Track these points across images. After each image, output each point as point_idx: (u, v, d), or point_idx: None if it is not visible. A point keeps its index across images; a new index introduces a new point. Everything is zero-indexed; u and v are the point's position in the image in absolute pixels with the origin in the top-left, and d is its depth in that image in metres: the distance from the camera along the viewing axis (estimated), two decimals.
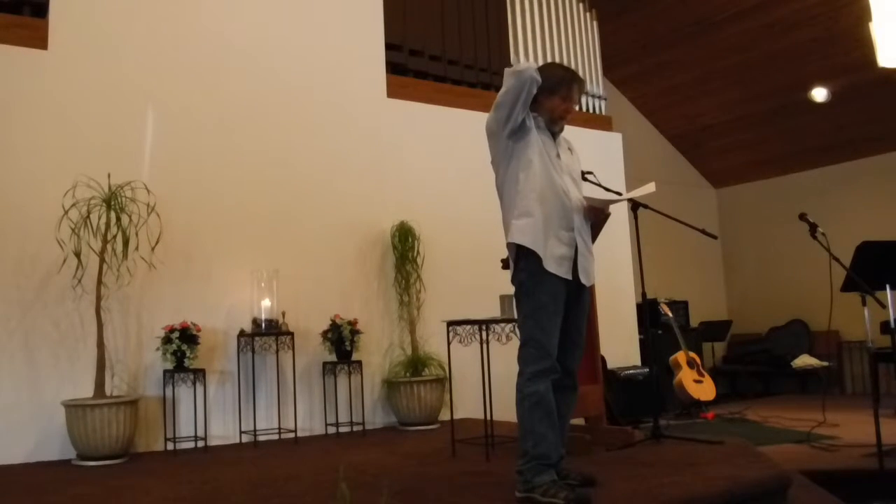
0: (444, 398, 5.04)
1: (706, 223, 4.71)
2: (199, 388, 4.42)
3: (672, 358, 5.98)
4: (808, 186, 8.57)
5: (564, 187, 2.85)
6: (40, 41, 4.41)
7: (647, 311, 4.32)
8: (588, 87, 7.01)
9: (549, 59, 6.70)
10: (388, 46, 5.75)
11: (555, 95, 2.93)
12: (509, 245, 2.85)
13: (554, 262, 2.77)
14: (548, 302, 2.76)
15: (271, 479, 3.39)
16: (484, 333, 3.64)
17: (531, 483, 2.66)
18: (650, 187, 3.05)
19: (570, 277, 2.81)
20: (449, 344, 3.78)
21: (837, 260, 3.73)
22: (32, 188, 4.23)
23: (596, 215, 2.99)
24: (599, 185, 3.72)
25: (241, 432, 4.64)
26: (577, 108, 3.10)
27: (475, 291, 4.71)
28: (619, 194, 3.46)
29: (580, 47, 7.03)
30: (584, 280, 2.86)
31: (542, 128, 2.96)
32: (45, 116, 4.35)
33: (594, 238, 3.04)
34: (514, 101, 2.77)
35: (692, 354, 6.01)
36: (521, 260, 2.80)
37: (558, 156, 2.94)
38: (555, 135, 3.00)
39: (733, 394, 8.19)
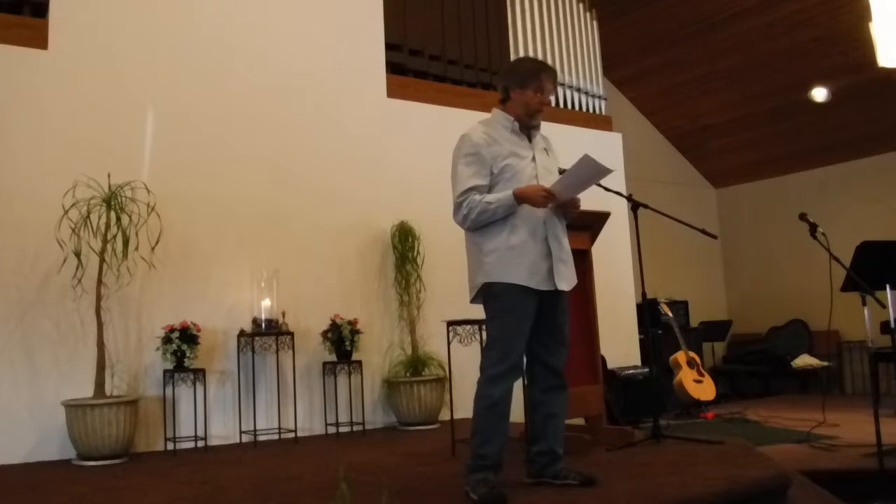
0: (444, 398, 5.04)
1: (706, 223, 4.72)
2: (199, 388, 4.42)
3: (672, 358, 5.98)
4: (808, 186, 8.56)
5: None
6: (40, 41, 4.41)
7: (647, 311, 4.32)
8: (588, 86, 7.01)
9: (549, 59, 6.71)
10: (388, 46, 5.75)
11: (527, 89, 2.89)
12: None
13: (527, 277, 2.78)
14: (516, 305, 2.77)
15: (271, 479, 3.39)
16: (484, 333, 3.63)
17: (467, 478, 2.75)
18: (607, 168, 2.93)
19: (545, 288, 2.80)
20: (449, 344, 3.78)
21: (837, 260, 3.73)
22: (32, 188, 4.23)
23: (569, 214, 2.95)
24: (599, 185, 3.72)
25: (241, 432, 4.64)
26: (552, 99, 3.05)
27: None
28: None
29: (580, 47, 7.03)
30: (561, 287, 2.85)
31: (515, 131, 2.93)
32: (45, 116, 4.35)
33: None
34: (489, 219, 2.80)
35: (692, 354, 6.01)
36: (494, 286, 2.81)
37: (533, 159, 2.91)
38: (531, 134, 2.97)
39: (733, 394, 8.18)
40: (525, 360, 2.93)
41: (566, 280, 2.89)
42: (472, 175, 2.82)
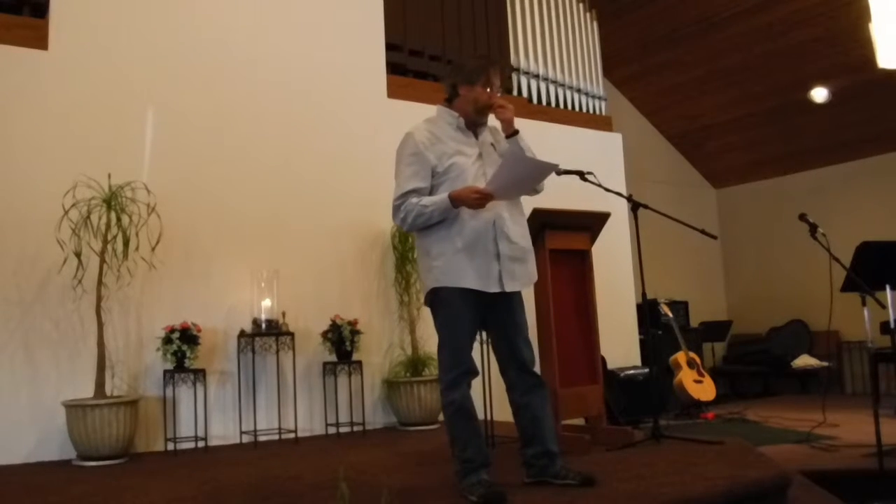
0: None
1: (706, 223, 4.72)
2: (200, 389, 4.42)
3: (672, 358, 5.98)
4: (808, 186, 8.56)
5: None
6: (40, 41, 4.41)
7: (647, 311, 4.32)
8: (588, 86, 7.01)
9: (549, 59, 6.71)
10: (388, 46, 5.75)
11: (475, 85, 2.87)
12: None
13: (474, 280, 2.76)
14: (462, 310, 2.76)
15: (271, 479, 3.39)
16: (483, 333, 3.63)
17: (461, 484, 2.74)
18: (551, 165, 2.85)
19: (494, 290, 2.78)
20: None
21: (837, 260, 3.73)
22: (32, 188, 4.23)
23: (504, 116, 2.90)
24: (599, 185, 3.73)
25: (241, 432, 4.64)
26: (500, 92, 3.00)
27: None
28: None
29: (580, 47, 7.03)
30: (510, 288, 2.82)
31: (461, 128, 2.90)
32: (45, 116, 4.35)
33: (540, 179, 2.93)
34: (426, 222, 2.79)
35: (692, 355, 6.01)
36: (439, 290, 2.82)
37: (480, 156, 2.88)
38: (478, 131, 2.94)
39: (733, 394, 8.18)
40: (498, 366, 2.95)
41: (518, 280, 2.85)
42: (411, 176, 2.81)
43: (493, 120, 3.00)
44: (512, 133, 2.92)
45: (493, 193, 2.73)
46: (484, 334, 3.61)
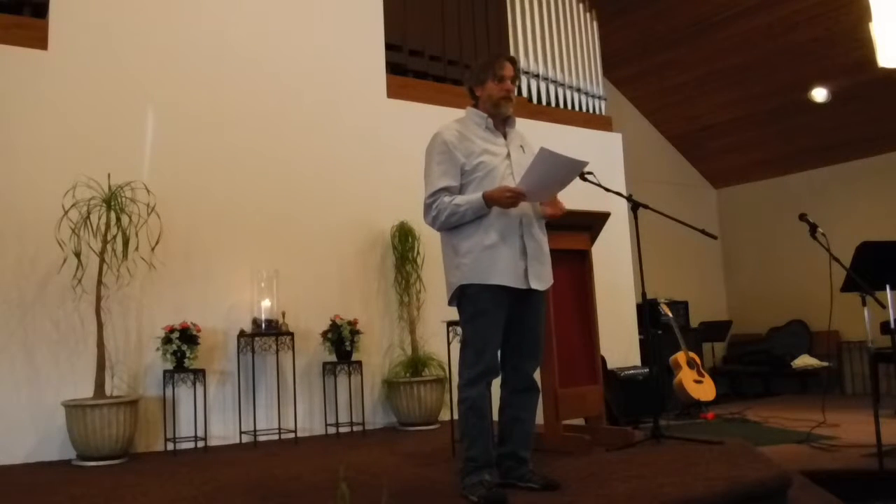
0: (444, 398, 5.04)
1: (706, 223, 4.71)
2: (199, 389, 4.42)
3: (672, 358, 5.98)
4: (808, 186, 8.56)
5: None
6: (40, 41, 4.41)
7: (647, 311, 4.32)
8: (588, 86, 7.01)
9: (549, 60, 6.71)
10: (388, 46, 5.75)
11: (486, 82, 2.91)
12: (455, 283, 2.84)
13: (502, 276, 2.76)
14: (490, 307, 2.76)
15: (271, 479, 3.39)
16: None
17: (462, 483, 2.75)
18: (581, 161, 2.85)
19: (520, 286, 2.79)
20: (449, 344, 3.78)
21: (837, 260, 3.73)
22: (32, 188, 4.23)
23: (553, 212, 2.94)
24: (599, 185, 3.73)
25: (241, 432, 4.64)
26: (515, 84, 2.99)
27: None
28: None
29: (580, 47, 7.03)
30: (536, 286, 2.83)
31: (490, 128, 2.91)
32: (45, 116, 4.35)
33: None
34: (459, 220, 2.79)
35: (692, 355, 6.01)
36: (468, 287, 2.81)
37: (508, 156, 2.89)
38: (506, 131, 2.95)
39: (733, 394, 8.18)
40: (499, 358, 2.94)
41: (541, 279, 2.87)
42: (441, 175, 2.82)
43: (519, 123, 3.02)
44: None
45: (526, 193, 2.74)
46: None
